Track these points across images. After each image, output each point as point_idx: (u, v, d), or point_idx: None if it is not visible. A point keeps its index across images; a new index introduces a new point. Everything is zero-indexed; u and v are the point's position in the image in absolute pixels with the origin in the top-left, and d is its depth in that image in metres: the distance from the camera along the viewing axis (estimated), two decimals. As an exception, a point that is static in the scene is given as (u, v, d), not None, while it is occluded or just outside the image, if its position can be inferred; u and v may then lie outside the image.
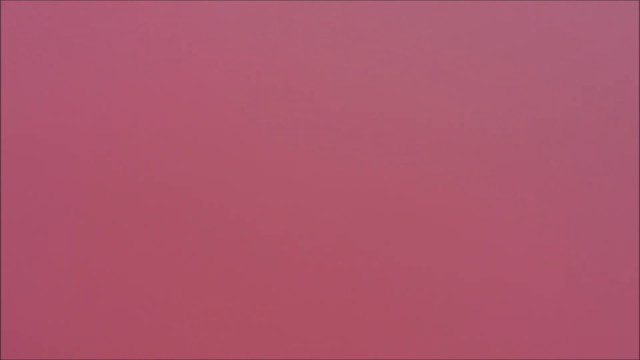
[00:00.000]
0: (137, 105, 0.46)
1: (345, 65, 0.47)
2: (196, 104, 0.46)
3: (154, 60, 0.48)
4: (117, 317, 0.40)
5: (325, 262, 0.41)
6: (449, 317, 0.40)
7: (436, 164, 0.44)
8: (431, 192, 0.43)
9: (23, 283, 0.40)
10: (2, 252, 0.41)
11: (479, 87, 0.47)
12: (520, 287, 0.41)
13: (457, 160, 0.44)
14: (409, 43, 0.48)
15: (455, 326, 0.40)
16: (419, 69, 0.48)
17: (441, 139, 0.45)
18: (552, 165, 0.44)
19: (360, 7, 0.49)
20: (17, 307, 0.40)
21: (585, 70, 0.47)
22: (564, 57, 0.48)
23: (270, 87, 0.47)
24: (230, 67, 0.48)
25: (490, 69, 0.47)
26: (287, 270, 0.41)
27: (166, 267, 0.41)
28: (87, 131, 0.45)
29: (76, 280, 0.41)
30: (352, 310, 0.40)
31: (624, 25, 0.49)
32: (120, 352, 0.39)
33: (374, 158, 0.44)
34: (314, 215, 0.43)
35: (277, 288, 0.41)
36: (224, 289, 0.41)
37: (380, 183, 0.44)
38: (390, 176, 0.44)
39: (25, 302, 0.40)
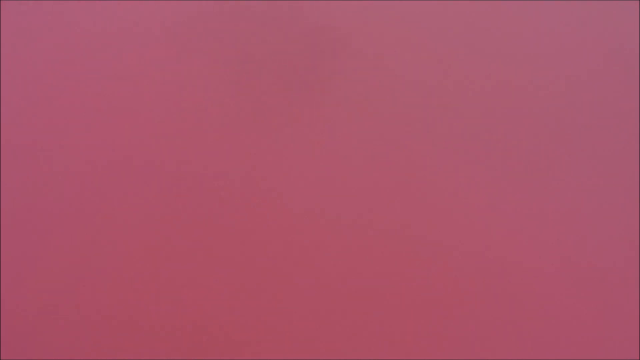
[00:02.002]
0: (136, 104, 0.46)
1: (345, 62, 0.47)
2: (194, 104, 0.46)
3: (155, 59, 0.48)
4: (117, 317, 0.40)
5: (323, 263, 0.42)
6: (446, 317, 0.40)
7: (437, 162, 0.44)
8: (431, 191, 0.44)
9: (23, 283, 0.40)
10: (2, 252, 0.41)
11: (479, 85, 0.47)
12: (519, 287, 0.41)
13: (458, 159, 0.44)
14: (408, 40, 0.48)
15: (453, 327, 0.40)
16: (417, 67, 0.48)
17: (443, 137, 0.45)
18: (552, 164, 0.44)
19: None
20: (17, 307, 0.40)
21: (586, 70, 0.48)
22: (564, 57, 0.48)
23: (267, 84, 0.47)
24: (227, 65, 0.48)
25: (490, 68, 0.47)
26: (284, 269, 0.41)
27: (166, 269, 0.41)
28: (87, 131, 0.45)
29: (76, 280, 0.41)
30: (352, 309, 0.40)
31: (624, 25, 0.49)
32: (120, 352, 0.39)
33: (372, 153, 0.45)
34: (312, 212, 0.43)
35: (276, 288, 0.41)
36: (224, 291, 0.41)
37: (377, 179, 0.44)
38: (386, 172, 0.44)
39: (25, 302, 0.40)
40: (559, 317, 0.40)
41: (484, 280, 0.41)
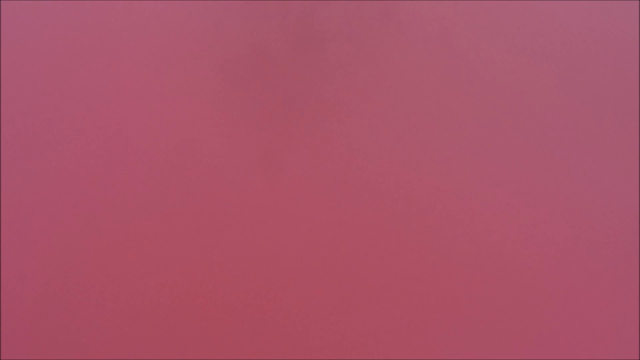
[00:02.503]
0: (135, 104, 0.46)
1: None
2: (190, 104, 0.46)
3: (156, 59, 0.48)
4: (117, 317, 0.40)
5: (323, 268, 0.41)
6: (446, 316, 0.40)
7: (439, 161, 0.44)
8: (432, 192, 0.44)
9: (23, 283, 0.40)
10: (2, 252, 0.41)
11: (480, 86, 0.47)
12: (519, 286, 0.41)
13: (460, 159, 0.44)
14: (408, 43, 0.48)
15: (453, 328, 0.40)
16: (426, 72, 0.48)
17: (447, 138, 0.45)
18: (553, 164, 0.44)
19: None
20: (17, 307, 0.40)
21: (585, 70, 0.48)
22: (565, 57, 0.48)
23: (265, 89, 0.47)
24: (224, 66, 0.48)
25: (490, 68, 0.47)
26: (284, 271, 0.41)
27: (165, 270, 0.41)
28: (87, 130, 0.45)
29: (76, 280, 0.41)
30: (354, 311, 0.40)
31: (624, 25, 0.49)
32: (120, 352, 0.39)
33: (373, 151, 0.44)
34: (314, 215, 0.43)
35: (274, 291, 0.41)
36: (224, 293, 0.41)
37: (376, 177, 0.44)
38: (385, 172, 0.44)
39: (25, 302, 0.40)
40: (558, 316, 0.40)
41: (487, 279, 0.41)
